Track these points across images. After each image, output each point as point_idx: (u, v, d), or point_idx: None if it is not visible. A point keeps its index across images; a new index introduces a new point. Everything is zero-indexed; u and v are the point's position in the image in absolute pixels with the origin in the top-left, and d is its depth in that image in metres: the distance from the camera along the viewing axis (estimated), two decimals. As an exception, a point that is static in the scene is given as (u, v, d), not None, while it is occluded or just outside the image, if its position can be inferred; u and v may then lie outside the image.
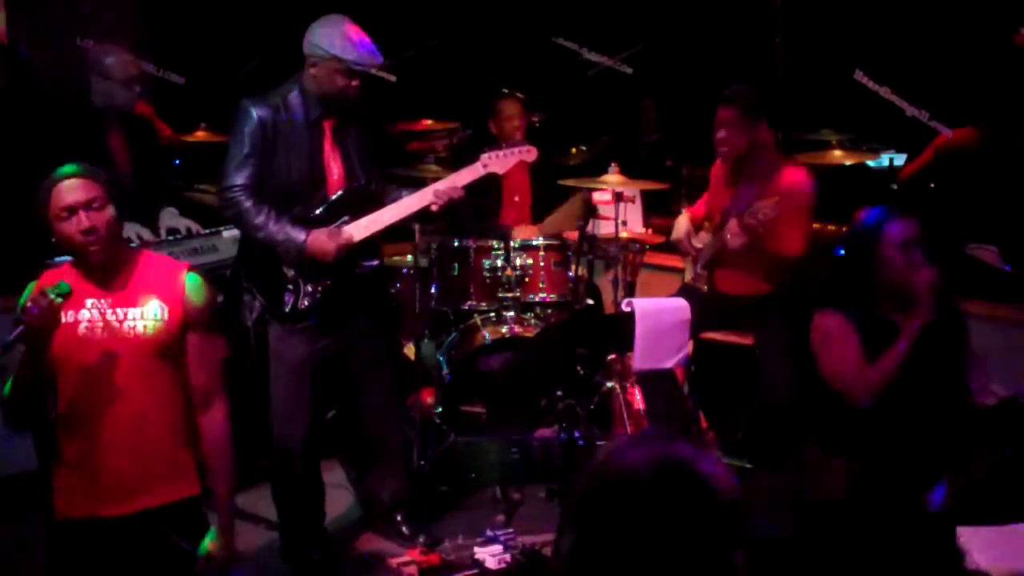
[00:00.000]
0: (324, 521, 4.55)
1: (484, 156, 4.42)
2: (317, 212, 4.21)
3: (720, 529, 1.54)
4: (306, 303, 4.22)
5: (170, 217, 4.98)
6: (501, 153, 4.44)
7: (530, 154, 4.49)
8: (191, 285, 3.19)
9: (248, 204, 4.12)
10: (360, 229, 4.22)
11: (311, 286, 4.22)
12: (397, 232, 4.69)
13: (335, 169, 4.25)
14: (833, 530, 3.06)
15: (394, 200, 4.32)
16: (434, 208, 4.29)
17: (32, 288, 3.04)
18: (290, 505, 4.43)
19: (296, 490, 4.41)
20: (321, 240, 4.13)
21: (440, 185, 4.30)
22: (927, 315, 3.60)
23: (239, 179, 4.13)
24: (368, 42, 4.13)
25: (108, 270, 3.09)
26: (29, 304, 2.87)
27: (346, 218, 4.23)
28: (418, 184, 4.61)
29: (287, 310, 4.23)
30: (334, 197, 4.24)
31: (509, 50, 7.73)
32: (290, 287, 4.23)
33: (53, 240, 3.04)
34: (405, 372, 5.06)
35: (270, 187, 4.17)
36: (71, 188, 3.00)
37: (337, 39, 4.10)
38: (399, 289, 5.46)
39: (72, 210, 2.98)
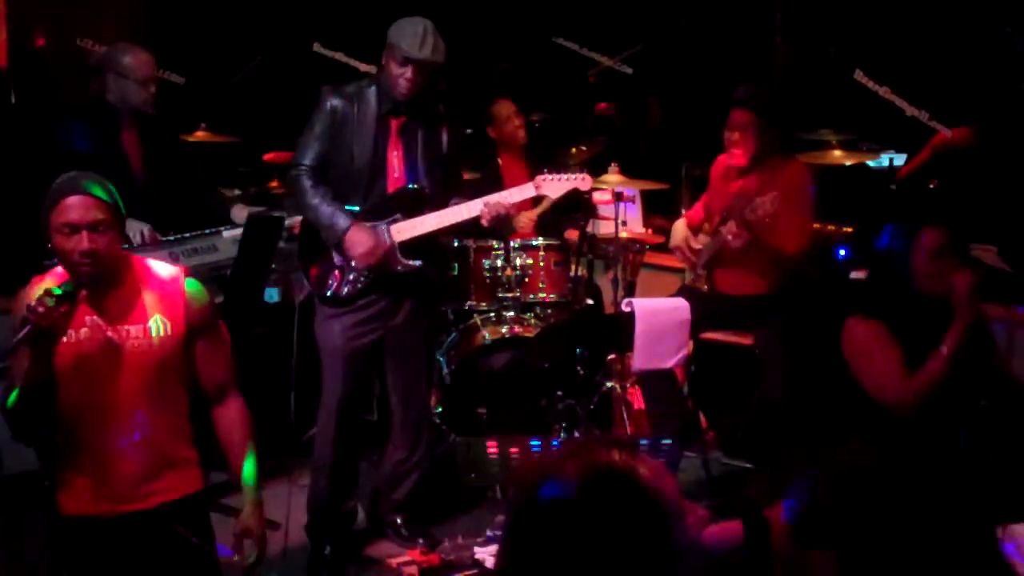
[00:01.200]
0: (354, 522, 4.59)
1: (539, 178, 4.49)
2: (370, 206, 4.30)
3: (663, 538, 1.48)
4: (346, 290, 4.31)
5: (242, 210, 5.08)
6: (556, 177, 4.50)
7: (585, 183, 4.53)
8: (191, 292, 3.16)
9: (308, 183, 4.27)
10: (402, 230, 4.30)
11: (354, 274, 4.30)
12: (445, 232, 4.71)
13: (396, 166, 4.33)
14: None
15: (451, 207, 4.37)
16: (484, 222, 4.35)
17: (31, 289, 3.03)
18: (318, 493, 4.48)
19: (324, 479, 4.46)
20: (360, 235, 4.22)
21: (492, 198, 4.36)
22: (969, 318, 3.53)
23: (304, 159, 4.29)
24: (431, 39, 4.19)
25: (108, 287, 3.05)
26: (36, 305, 2.85)
27: (398, 216, 4.31)
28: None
29: (328, 293, 4.33)
30: (388, 194, 4.32)
31: (509, 50, 7.73)
32: (336, 272, 4.33)
33: (49, 245, 3.01)
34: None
35: (334, 174, 4.30)
36: (78, 206, 2.92)
37: (400, 28, 4.22)
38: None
39: (75, 228, 2.92)
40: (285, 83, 6.88)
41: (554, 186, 4.50)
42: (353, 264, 4.29)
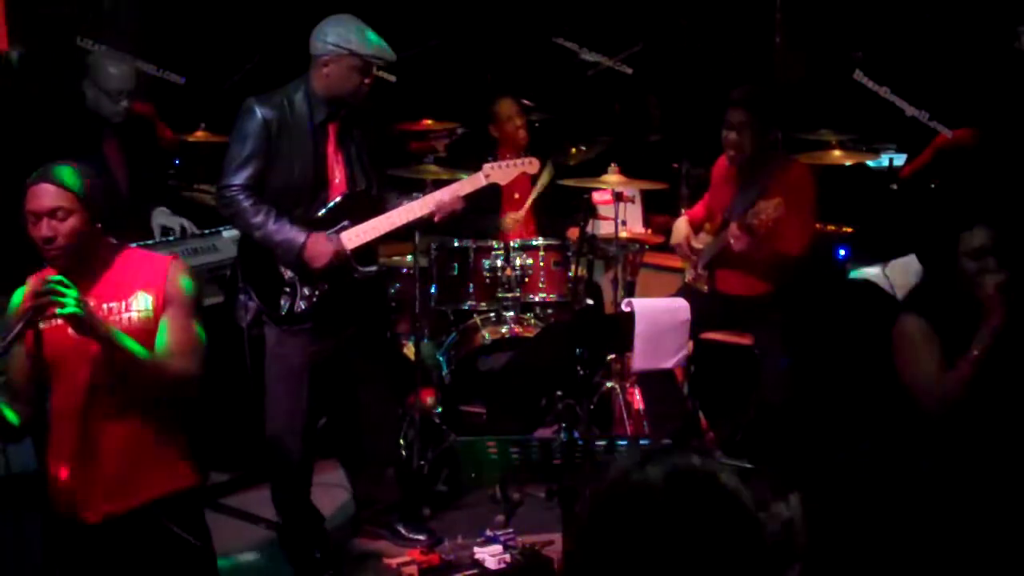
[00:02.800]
0: (324, 521, 4.55)
1: (487, 167, 4.43)
2: (318, 215, 4.20)
3: (750, 542, 1.49)
4: (303, 306, 4.20)
5: (163, 216, 4.95)
6: (503, 164, 4.47)
7: (532, 166, 4.53)
8: (175, 272, 3.19)
9: (247, 203, 4.10)
10: (354, 237, 4.20)
11: (308, 289, 4.20)
12: (397, 233, 4.69)
13: (337, 173, 4.24)
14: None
15: (394, 207, 4.30)
16: (436, 219, 4.30)
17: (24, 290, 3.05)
18: (290, 505, 4.42)
19: (295, 491, 4.39)
20: (320, 244, 4.12)
21: (443, 196, 4.30)
22: (997, 320, 3.51)
23: (238, 179, 4.11)
24: (380, 40, 4.15)
25: (89, 272, 3.08)
26: (33, 300, 2.87)
27: (346, 223, 4.22)
28: (418, 185, 4.61)
29: (283, 313, 4.21)
30: (335, 201, 4.22)
31: (509, 50, 7.73)
32: (287, 289, 4.21)
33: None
34: (405, 372, 5.05)
35: (272, 188, 4.15)
36: (40, 194, 3.01)
37: (352, 35, 4.11)
38: (399, 289, 5.45)
39: (37, 216, 3.01)
40: (285, 83, 6.87)
41: (502, 172, 4.45)
42: (308, 278, 4.17)
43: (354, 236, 4.19)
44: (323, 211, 4.20)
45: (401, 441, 4.82)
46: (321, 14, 4.28)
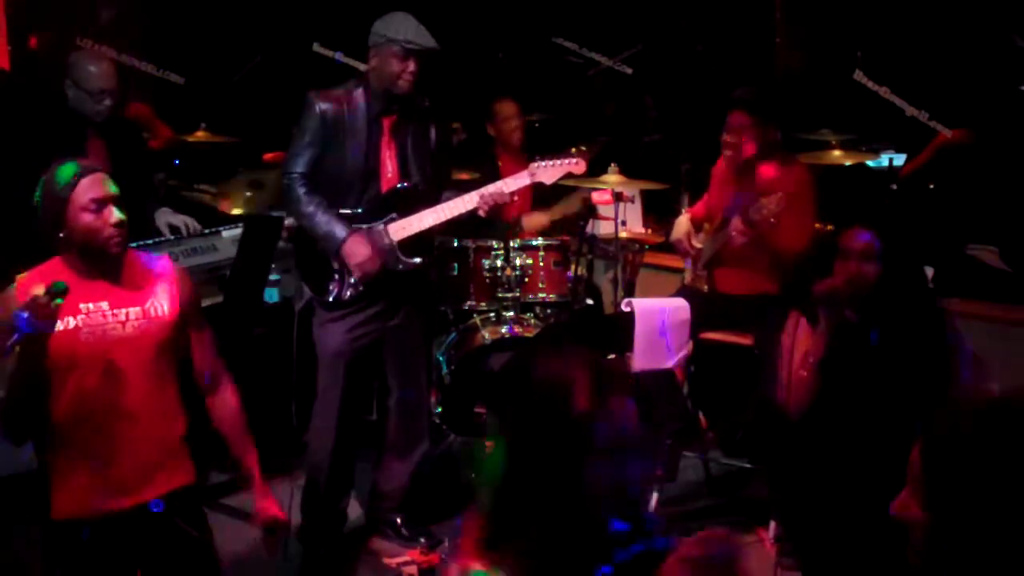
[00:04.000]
0: (345, 522, 4.58)
1: (533, 165, 4.48)
2: (366, 207, 4.30)
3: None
4: (349, 294, 4.31)
5: (168, 215, 4.96)
6: (550, 163, 4.48)
7: (579, 167, 4.52)
8: (181, 276, 3.24)
9: (301, 192, 4.25)
10: (400, 229, 4.30)
11: (354, 278, 4.29)
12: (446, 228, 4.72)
13: (390, 166, 4.33)
14: None
15: (444, 202, 4.37)
16: (481, 213, 4.35)
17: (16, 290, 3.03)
18: (314, 495, 4.46)
19: (322, 486, 4.44)
20: (358, 245, 4.22)
21: (488, 189, 4.35)
22: (826, 324, 3.64)
23: (296, 167, 4.27)
24: (424, 28, 4.21)
25: (103, 273, 3.08)
26: (25, 311, 2.85)
27: (394, 215, 4.31)
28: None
29: (331, 299, 4.32)
30: (383, 194, 4.32)
31: (509, 50, 7.73)
32: (336, 276, 4.31)
33: (60, 235, 3.02)
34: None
35: (326, 178, 4.28)
36: (101, 182, 3.02)
37: (393, 23, 4.21)
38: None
39: (103, 203, 3.00)
40: (285, 83, 6.88)
41: (548, 172, 4.47)
42: (350, 273, 4.29)
43: (400, 228, 4.30)
44: (373, 202, 4.30)
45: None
46: (320, 15, 4.29)
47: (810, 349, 3.62)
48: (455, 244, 5.31)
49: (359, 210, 4.30)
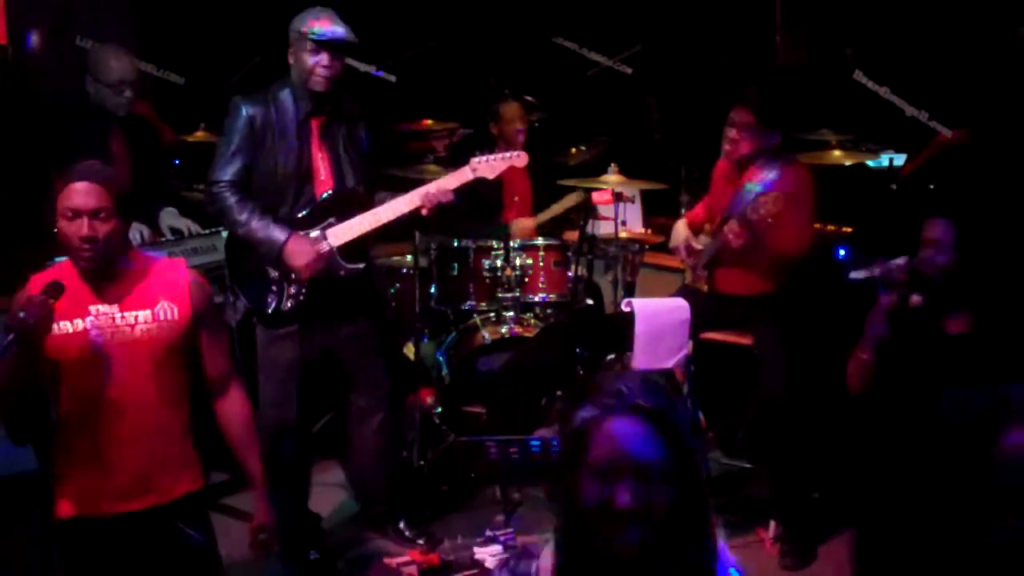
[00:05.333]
0: (321, 521, 4.54)
1: (473, 160, 4.42)
2: (302, 214, 4.21)
3: None
4: (289, 305, 4.21)
5: (171, 217, 4.97)
6: (490, 158, 4.44)
7: (520, 159, 4.49)
8: (194, 281, 3.21)
9: (232, 200, 4.13)
10: (340, 234, 4.20)
11: (294, 288, 4.20)
12: (396, 232, 4.68)
13: (322, 169, 4.24)
14: None
15: (379, 204, 4.29)
16: (424, 212, 4.27)
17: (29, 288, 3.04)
18: (284, 506, 4.40)
19: (288, 491, 4.36)
20: (301, 243, 4.12)
21: (428, 188, 4.28)
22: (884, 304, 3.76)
23: (224, 175, 4.16)
24: (338, 19, 4.14)
25: (113, 276, 3.08)
26: (20, 311, 2.85)
27: (332, 220, 4.22)
28: (416, 185, 4.58)
29: (270, 311, 4.22)
30: (319, 199, 4.23)
31: (509, 50, 7.72)
32: (273, 288, 4.21)
33: (56, 231, 3.03)
34: (405, 372, 5.05)
35: (257, 184, 4.18)
36: (82, 191, 2.98)
37: (305, 16, 4.16)
38: (399, 289, 5.46)
39: (77, 213, 2.97)
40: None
41: (489, 167, 4.42)
42: (294, 276, 4.17)
43: (340, 233, 4.20)
44: (306, 210, 4.21)
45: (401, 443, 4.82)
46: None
47: (869, 331, 3.61)
48: (455, 244, 5.31)
49: (297, 215, 4.19)
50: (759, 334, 4.84)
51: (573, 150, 6.42)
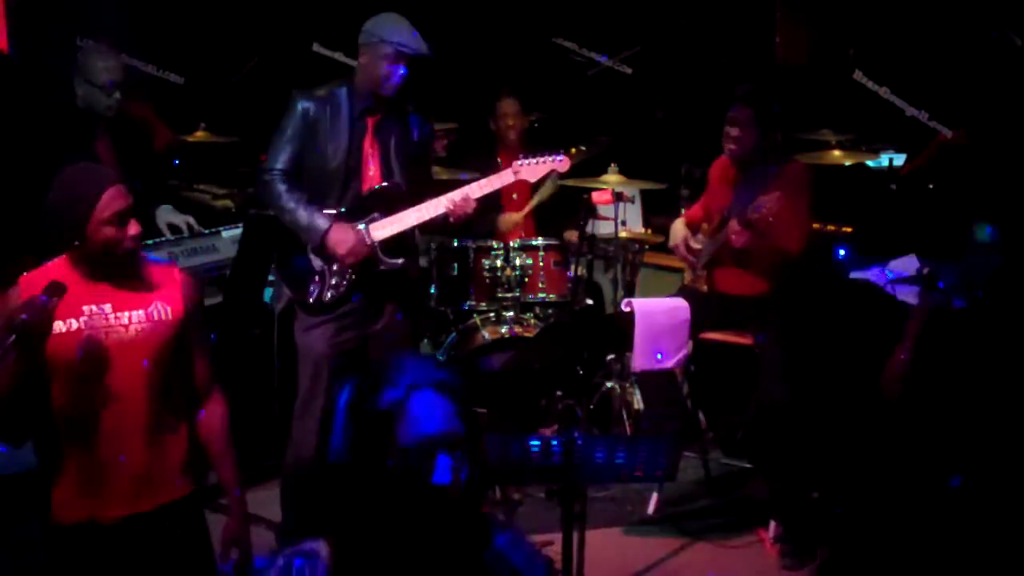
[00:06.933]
0: None
1: (516, 163, 4.49)
2: (347, 207, 4.28)
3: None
4: (329, 295, 4.28)
5: (168, 214, 4.95)
6: (534, 161, 4.48)
7: (563, 164, 4.53)
8: (186, 282, 3.20)
9: (282, 187, 4.23)
10: (381, 228, 4.28)
11: (336, 279, 4.26)
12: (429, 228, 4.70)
13: (372, 166, 4.31)
14: None
15: (425, 202, 4.35)
16: (451, 220, 4.34)
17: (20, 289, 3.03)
18: (295, 501, 4.42)
19: (304, 486, 4.39)
20: (342, 233, 4.20)
21: (455, 196, 4.33)
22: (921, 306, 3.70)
23: (276, 163, 4.26)
24: (418, 33, 4.22)
25: (109, 274, 3.07)
26: (21, 312, 2.85)
27: (376, 215, 4.29)
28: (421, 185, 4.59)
29: (311, 300, 4.29)
30: (365, 193, 4.30)
31: (509, 50, 7.72)
32: (316, 278, 4.28)
33: (76, 244, 3.00)
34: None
35: (307, 176, 4.27)
36: (120, 195, 2.99)
37: (388, 23, 4.22)
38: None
39: (125, 216, 2.98)
40: (285, 83, 6.87)
41: (532, 170, 4.47)
42: (336, 266, 4.25)
43: (382, 227, 4.27)
44: (352, 203, 4.28)
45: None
46: (319, 15, 4.29)
47: (909, 332, 3.59)
48: (455, 244, 5.31)
49: (341, 209, 4.27)
50: (759, 334, 4.84)
51: (573, 150, 6.41)
